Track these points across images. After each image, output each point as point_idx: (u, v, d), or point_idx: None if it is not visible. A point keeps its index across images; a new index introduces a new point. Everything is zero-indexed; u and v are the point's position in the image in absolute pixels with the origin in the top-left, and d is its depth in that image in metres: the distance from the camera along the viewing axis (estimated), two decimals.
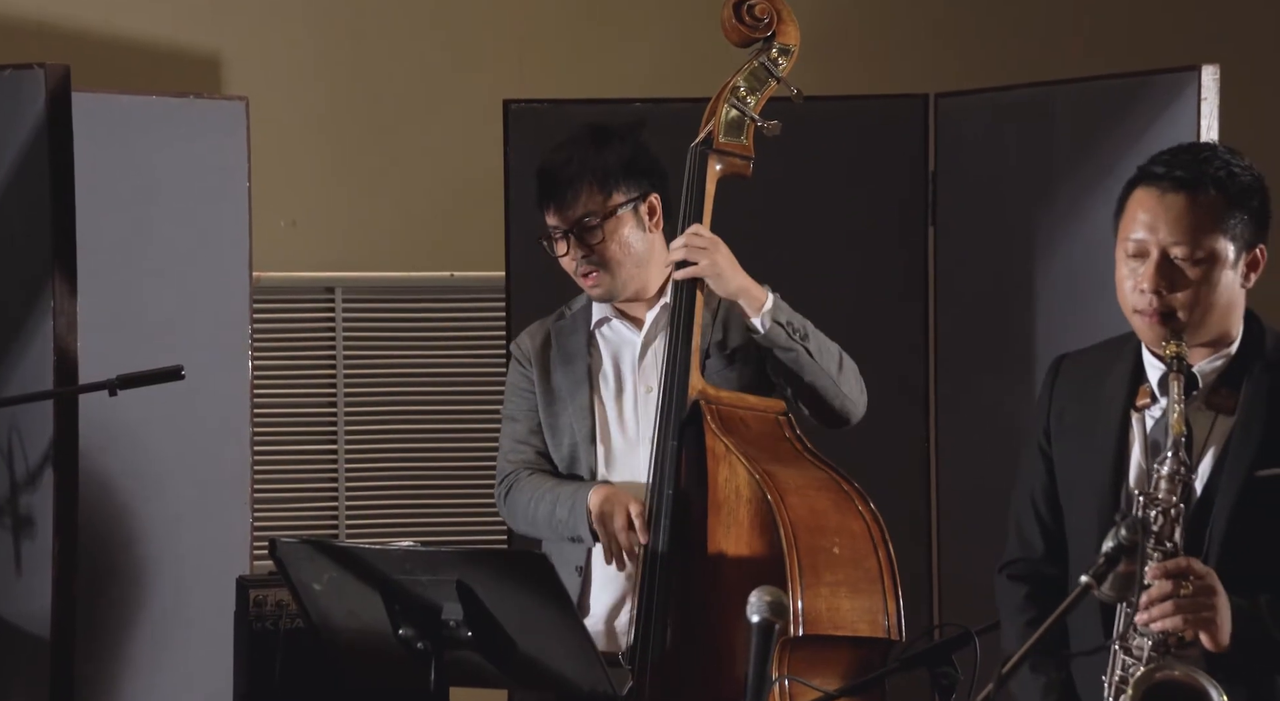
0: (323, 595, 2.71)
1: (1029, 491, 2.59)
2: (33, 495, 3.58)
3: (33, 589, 3.58)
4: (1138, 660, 2.33)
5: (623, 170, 2.99)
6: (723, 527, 2.82)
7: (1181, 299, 2.41)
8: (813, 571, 2.74)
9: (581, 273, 3.00)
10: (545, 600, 2.60)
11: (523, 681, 2.74)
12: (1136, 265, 2.43)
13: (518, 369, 3.09)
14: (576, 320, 3.08)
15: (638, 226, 3.00)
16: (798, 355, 2.92)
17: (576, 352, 3.04)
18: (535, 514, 2.97)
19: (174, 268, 3.81)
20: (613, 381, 3.02)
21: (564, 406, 3.02)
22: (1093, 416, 2.52)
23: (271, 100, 4.42)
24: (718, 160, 2.97)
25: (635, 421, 3.00)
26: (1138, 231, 2.42)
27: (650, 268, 3.03)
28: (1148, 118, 3.74)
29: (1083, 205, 3.83)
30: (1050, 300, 3.90)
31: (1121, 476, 2.47)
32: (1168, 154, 2.45)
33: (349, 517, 4.68)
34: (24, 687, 3.60)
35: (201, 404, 3.76)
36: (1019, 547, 2.60)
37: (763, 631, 2.07)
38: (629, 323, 3.05)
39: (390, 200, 4.69)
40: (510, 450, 3.06)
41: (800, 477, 2.85)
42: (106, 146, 3.72)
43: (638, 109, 3.93)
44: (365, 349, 4.71)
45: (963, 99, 4.02)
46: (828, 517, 2.81)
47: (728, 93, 2.98)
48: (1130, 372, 2.51)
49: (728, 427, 2.87)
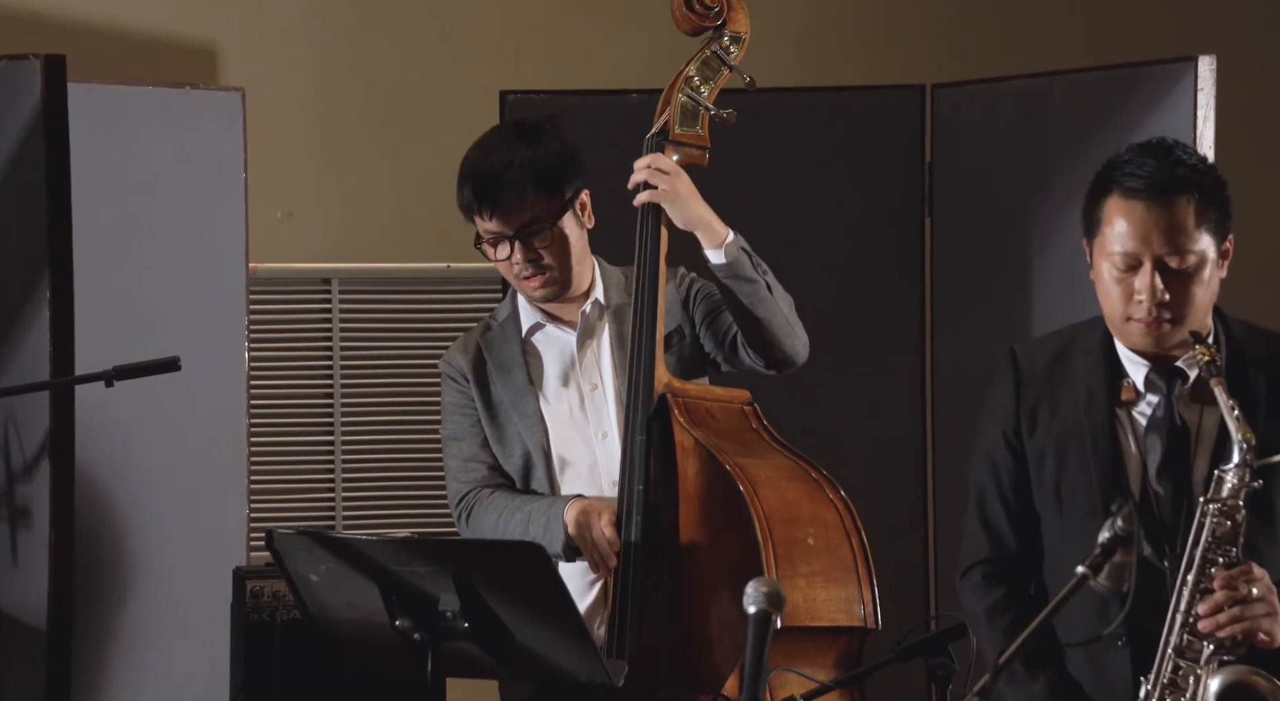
0: (319, 586, 2.71)
1: (996, 486, 2.58)
2: (29, 486, 3.58)
3: (29, 580, 3.58)
4: (1193, 662, 2.34)
5: (561, 168, 2.93)
6: (694, 521, 2.81)
7: (1180, 304, 2.43)
8: (788, 563, 2.73)
9: (525, 276, 2.94)
10: (542, 591, 2.60)
11: (520, 672, 2.74)
12: (1126, 276, 2.45)
13: (454, 387, 3.02)
14: (506, 330, 3.02)
15: (576, 224, 2.96)
16: (758, 288, 2.86)
17: (513, 362, 2.98)
18: (506, 532, 2.91)
19: (170, 259, 3.81)
20: (556, 384, 2.98)
21: (509, 417, 2.97)
22: (1073, 414, 2.52)
23: (268, 91, 4.41)
24: (674, 151, 2.92)
25: (586, 420, 2.97)
26: (1126, 243, 2.44)
27: (584, 266, 2.99)
28: (1144, 108, 3.74)
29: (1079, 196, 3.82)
30: (1047, 290, 3.90)
31: (1121, 474, 2.48)
32: (1133, 162, 2.47)
33: (346, 508, 4.68)
34: (20, 679, 3.60)
35: (198, 395, 3.76)
36: (988, 545, 2.59)
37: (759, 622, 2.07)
38: (561, 325, 3.00)
39: (387, 191, 4.69)
40: (460, 470, 3.00)
41: (771, 468, 2.83)
42: (102, 137, 3.72)
43: (633, 100, 3.92)
44: (362, 340, 4.70)
45: (959, 90, 4.02)
46: (800, 508, 2.79)
47: (681, 82, 2.93)
48: (1104, 368, 2.51)
49: (695, 420, 2.85)
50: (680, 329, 2.99)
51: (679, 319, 2.99)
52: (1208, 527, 2.36)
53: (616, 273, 3.03)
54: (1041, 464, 2.55)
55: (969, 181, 3.99)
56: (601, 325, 3.00)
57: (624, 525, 2.83)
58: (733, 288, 2.87)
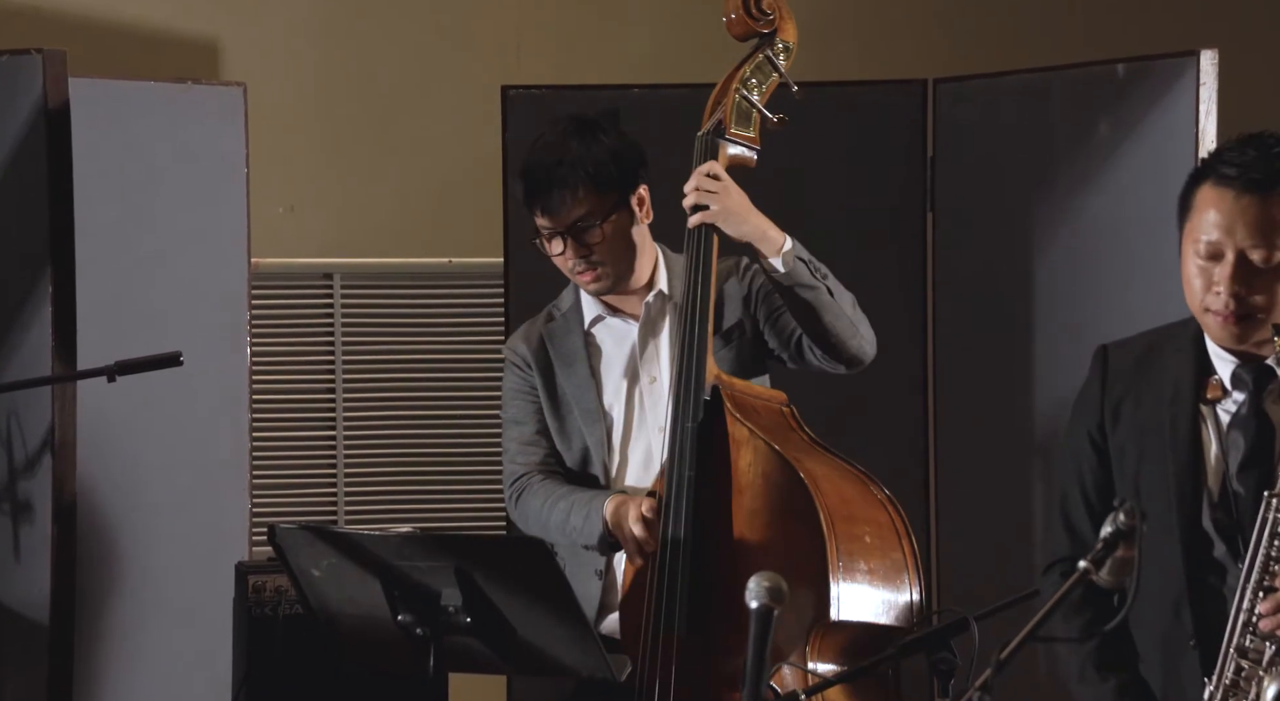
0: (322, 581, 2.71)
1: (1079, 484, 2.54)
2: (31, 481, 3.58)
3: (31, 575, 3.58)
4: (1255, 662, 2.31)
5: (615, 164, 2.95)
6: (746, 512, 2.81)
7: (1260, 301, 2.38)
8: (849, 557, 2.73)
9: (578, 271, 2.98)
10: (543, 586, 2.60)
11: (522, 667, 2.74)
12: (1208, 266, 2.40)
13: (516, 373, 3.05)
14: (569, 320, 3.05)
15: (631, 220, 2.98)
16: (819, 293, 2.88)
17: (575, 354, 3.01)
18: (548, 520, 2.95)
19: (172, 254, 3.81)
20: (617, 377, 3.01)
21: (570, 410, 3.00)
22: (1156, 410, 2.47)
23: (269, 86, 4.41)
24: (730, 147, 2.95)
25: (644, 414, 2.99)
26: (1211, 232, 2.39)
27: (643, 257, 3.01)
28: (1147, 103, 3.74)
29: (1081, 190, 3.83)
30: (1049, 286, 3.90)
31: (1200, 472, 2.44)
32: (1234, 150, 2.41)
33: (348, 503, 4.68)
34: (22, 673, 3.60)
35: (200, 390, 3.76)
36: (1069, 543, 2.55)
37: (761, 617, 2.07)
38: (624, 316, 3.03)
39: (388, 186, 4.69)
40: (518, 452, 3.03)
41: (823, 466, 2.84)
42: (104, 133, 3.72)
43: (635, 94, 3.92)
44: (364, 335, 4.70)
45: (961, 84, 4.02)
46: (856, 506, 2.80)
47: (737, 83, 2.97)
48: (1194, 365, 2.46)
49: (745, 413, 2.86)
50: (741, 324, 3.00)
51: (740, 315, 3.00)
52: (1272, 523, 2.32)
53: (680, 261, 3.03)
54: (1122, 459, 2.51)
55: (970, 177, 3.99)
56: (664, 318, 3.01)
57: (671, 512, 2.83)
58: (793, 295, 2.89)
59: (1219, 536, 2.41)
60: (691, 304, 2.89)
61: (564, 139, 2.96)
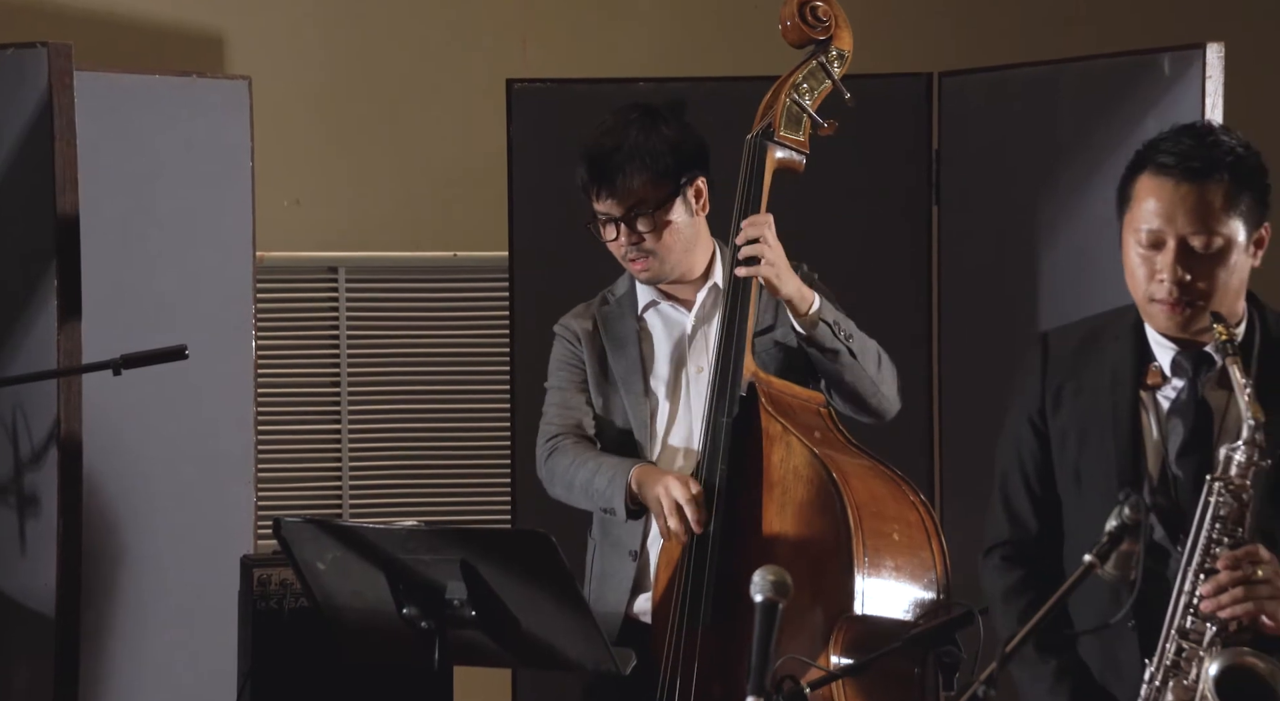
0: (327, 574, 2.72)
1: (1019, 469, 2.57)
2: (37, 473, 3.59)
3: (37, 567, 3.59)
4: (1195, 644, 2.32)
5: (673, 155, 2.97)
6: (776, 506, 2.82)
7: (1202, 287, 2.40)
8: (875, 554, 2.75)
9: (630, 258, 3.00)
10: (548, 580, 2.60)
11: (527, 660, 2.74)
12: (1150, 254, 2.42)
13: (566, 346, 3.09)
14: (623, 305, 3.08)
15: (686, 211, 3.00)
16: (840, 355, 2.93)
17: (627, 338, 3.04)
18: (574, 478, 2.98)
19: (177, 247, 3.81)
20: (666, 364, 3.03)
21: (616, 390, 3.03)
22: (1096, 395, 2.50)
23: (275, 80, 4.41)
24: (777, 150, 2.97)
25: (687, 402, 3.01)
26: (1152, 221, 2.41)
27: (696, 250, 3.03)
28: (1153, 96, 3.73)
29: (1087, 183, 3.82)
30: (1054, 278, 3.90)
31: (1140, 457, 2.46)
32: (1170, 140, 2.44)
33: (352, 497, 4.69)
34: (28, 664, 3.61)
35: (205, 383, 3.76)
36: (1009, 528, 2.58)
37: (766, 611, 2.07)
38: (678, 305, 3.06)
39: (393, 180, 4.69)
40: (556, 414, 3.06)
41: (855, 465, 2.85)
42: (109, 126, 3.72)
43: (640, 88, 3.92)
44: (368, 329, 4.71)
45: (967, 78, 4.01)
46: (886, 504, 2.82)
47: (789, 87, 2.99)
48: (1134, 351, 2.49)
49: (780, 410, 2.88)
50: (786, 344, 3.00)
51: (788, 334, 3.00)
52: (1213, 507, 2.34)
53: None
54: (1063, 445, 2.54)
55: (977, 170, 3.99)
56: (717, 311, 3.02)
57: (704, 505, 2.84)
58: (814, 355, 2.93)
59: (1158, 520, 2.43)
60: (732, 301, 2.91)
61: (625, 126, 2.98)
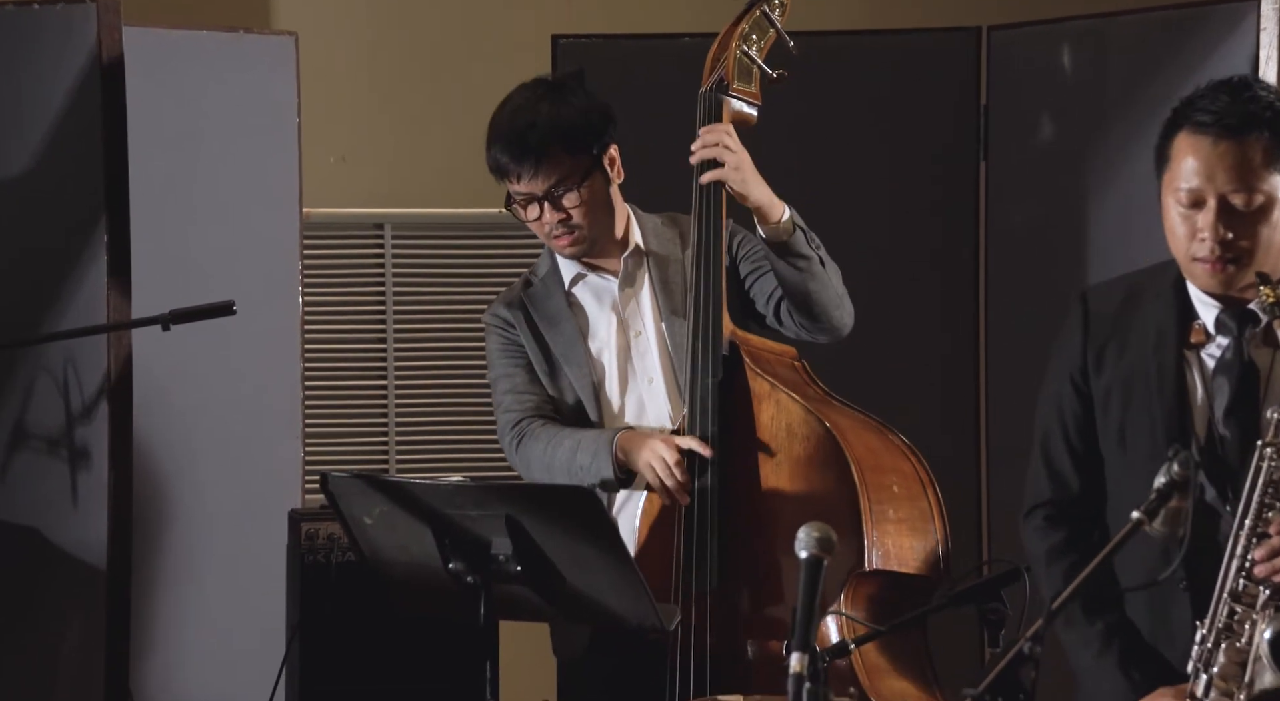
0: (373, 529, 2.73)
1: (1061, 428, 2.55)
2: (88, 427, 3.62)
3: (89, 520, 3.62)
4: (1249, 606, 2.31)
5: (585, 126, 2.93)
6: (771, 466, 2.81)
7: (1245, 245, 2.38)
8: (880, 507, 2.74)
9: (556, 235, 2.96)
10: (593, 535, 2.61)
11: (571, 615, 2.75)
12: (1191, 213, 2.40)
13: (499, 334, 3.04)
14: (548, 284, 3.03)
15: (604, 181, 2.97)
16: (811, 262, 2.87)
17: (560, 314, 3.00)
18: (552, 460, 2.94)
19: (224, 203, 3.82)
20: (603, 333, 3.00)
21: (559, 367, 3.00)
22: (1140, 354, 2.48)
23: (321, 35, 4.41)
24: (733, 103, 2.92)
25: (631, 367, 2.99)
26: (1191, 180, 2.39)
27: (618, 217, 3.00)
28: (1205, 49, 3.69)
29: (1137, 138, 3.78)
30: (1103, 234, 3.87)
31: (1186, 416, 2.44)
32: (1207, 97, 2.41)
33: (398, 452, 4.71)
34: (82, 616, 3.65)
35: (252, 339, 3.78)
36: (1050, 487, 2.56)
37: (811, 567, 2.07)
38: (603, 273, 3.02)
39: (439, 136, 4.68)
40: (512, 402, 3.02)
41: (847, 417, 2.84)
42: (156, 82, 3.73)
43: (685, 43, 3.90)
44: (414, 285, 4.72)
45: (1015, 31, 3.98)
46: (882, 456, 2.81)
47: (738, 39, 2.94)
48: (1176, 309, 2.47)
49: (764, 367, 2.86)
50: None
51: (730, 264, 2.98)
52: (1265, 472, 2.33)
53: (654, 219, 3.04)
54: (1107, 405, 2.52)
55: (1024, 125, 3.95)
56: (642, 272, 3.01)
57: (695, 469, 2.83)
58: (786, 262, 2.88)
59: (1208, 481, 2.41)
60: (704, 260, 2.87)
61: (535, 103, 2.94)
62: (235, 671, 3.75)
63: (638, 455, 2.86)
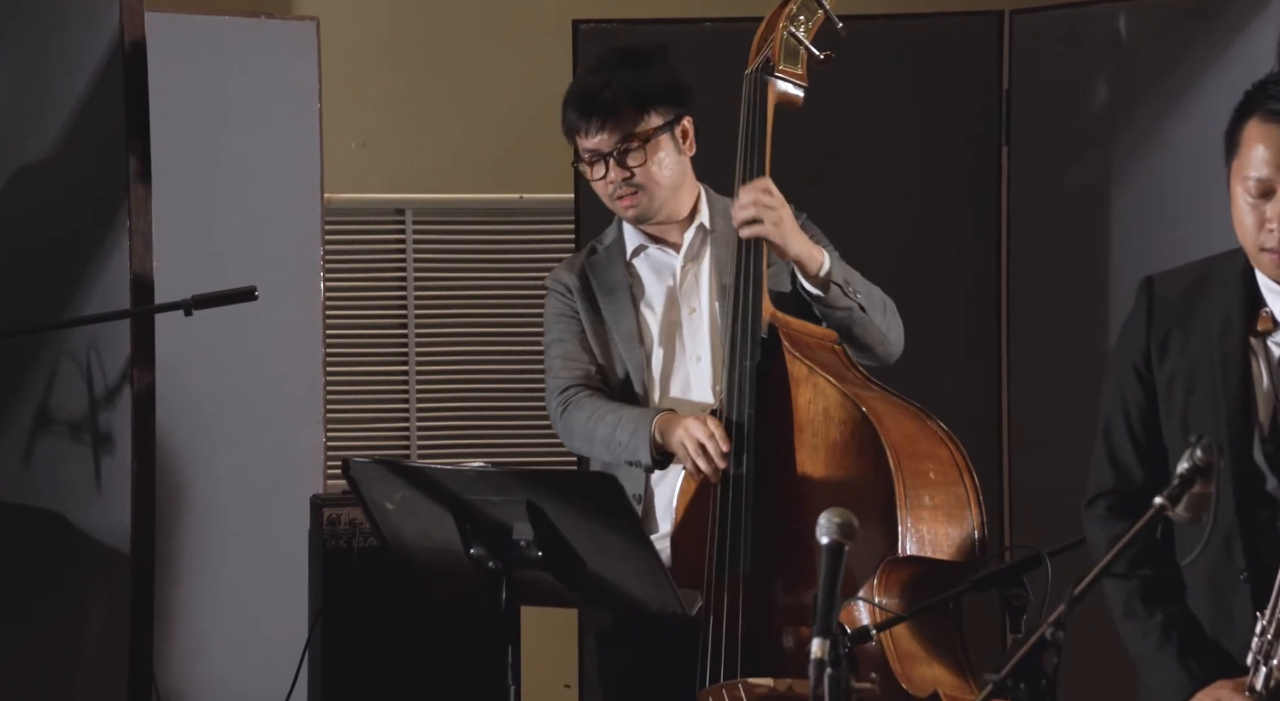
0: (395, 514, 2.74)
1: (1124, 417, 2.51)
2: (111, 412, 3.63)
3: (112, 504, 3.64)
4: None
5: (660, 93, 2.97)
6: (807, 449, 2.81)
7: None
8: (915, 493, 2.73)
9: (618, 195, 2.99)
10: (614, 520, 2.61)
11: (593, 601, 2.76)
12: (1259, 203, 2.35)
13: (558, 298, 3.07)
14: (611, 253, 3.07)
15: (674, 149, 2.99)
16: (852, 312, 2.92)
17: (618, 284, 3.03)
18: (593, 432, 2.96)
19: (245, 189, 3.83)
20: (658, 306, 3.02)
21: (611, 336, 3.02)
22: (1205, 343, 2.44)
23: (342, 20, 4.41)
24: (778, 84, 2.94)
25: (682, 343, 3.00)
26: (1260, 169, 2.34)
27: (683, 191, 3.02)
28: (1229, 34, 3.67)
29: (1160, 123, 3.77)
30: (1127, 219, 3.85)
31: (1250, 405, 2.40)
32: (1278, 83, 2.36)
33: (420, 438, 4.72)
34: (105, 600, 3.67)
35: (274, 325, 3.79)
36: (1113, 477, 2.52)
37: (832, 553, 2.07)
38: (665, 247, 3.04)
39: (460, 122, 4.69)
40: (562, 367, 3.05)
41: (884, 402, 2.83)
42: (177, 67, 3.74)
43: (707, 29, 3.89)
44: (435, 270, 4.72)
45: (1038, 15, 3.96)
46: (919, 442, 2.80)
47: (785, 20, 2.95)
48: (1243, 297, 2.43)
49: (803, 351, 2.86)
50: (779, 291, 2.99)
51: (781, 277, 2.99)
52: None
53: (724, 201, 3.04)
54: (1170, 393, 2.47)
55: (1047, 109, 3.94)
56: (705, 250, 3.03)
57: (731, 452, 2.83)
58: (824, 312, 2.92)
59: (1270, 470, 2.38)
60: (744, 242, 2.88)
61: (612, 66, 2.99)
62: (258, 656, 3.77)
63: (672, 435, 2.87)
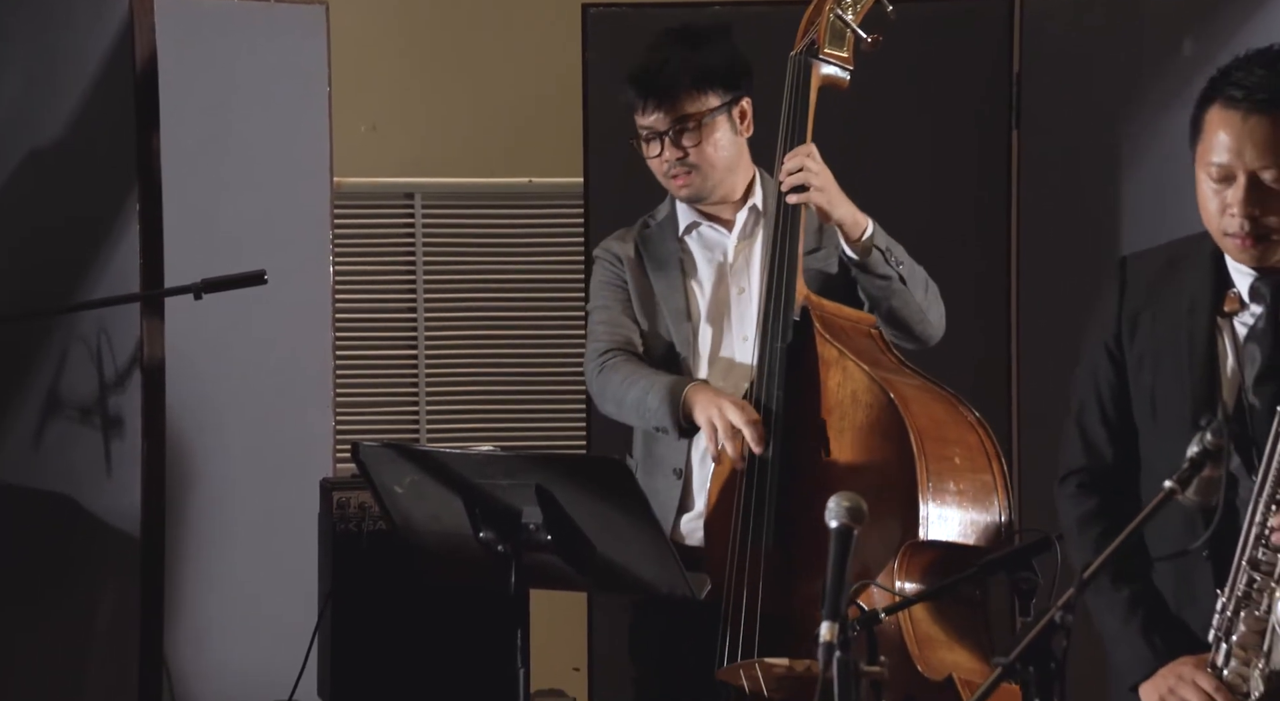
0: (404, 498, 2.74)
1: (1095, 396, 2.55)
2: (121, 396, 3.64)
3: (122, 487, 3.65)
4: (1267, 574, 2.30)
5: (718, 73, 2.99)
6: (835, 432, 2.82)
7: (1274, 222, 2.36)
8: (939, 478, 2.74)
9: (672, 174, 3.01)
10: (623, 504, 2.62)
11: (602, 584, 2.76)
12: (1221, 189, 2.38)
13: (608, 268, 3.10)
14: (664, 228, 3.08)
15: (730, 130, 3.01)
16: (891, 281, 2.92)
17: (669, 260, 3.05)
18: (625, 396, 2.98)
19: (254, 173, 3.83)
20: (707, 284, 3.04)
21: (659, 310, 3.04)
22: (1173, 322, 2.47)
23: (351, 4, 4.40)
24: (822, 67, 2.95)
25: (729, 322, 3.02)
26: (1221, 155, 2.37)
27: (738, 172, 3.03)
28: (1241, 16, 3.66)
29: (1171, 106, 3.75)
30: (1137, 203, 3.84)
31: (1215, 384, 2.43)
32: (1241, 69, 2.38)
33: (429, 421, 4.73)
34: (116, 583, 3.68)
35: (283, 308, 3.79)
36: (1084, 455, 2.56)
37: (841, 537, 2.07)
38: (718, 226, 3.06)
39: (469, 105, 4.68)
40: (604, 331, 3.07)
41: (912, 388, 2.84)
42: (186, 51, 3.73)
43: (718, 12, 3.88)
44: (445, 254, 4.72)
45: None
46: (947, 427, 2.81)
47: (831, 2, 2.95)
48: (1212, 278, 2.46)
49: (835, 334, 2.87)
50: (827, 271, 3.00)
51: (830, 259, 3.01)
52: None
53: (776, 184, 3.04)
54: (1139, 372, 2.51)
55: (1057, 93, 3.93)
56: (757, 231, 3.04)
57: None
58: (864, 280, 2.92)
59: (1233, 449, 2.38)
60: (781, 225, 2.90)
61: (673, 43, 3.00)
62: (268, 639, 3.78)
63: (702, 410, 2.87)
